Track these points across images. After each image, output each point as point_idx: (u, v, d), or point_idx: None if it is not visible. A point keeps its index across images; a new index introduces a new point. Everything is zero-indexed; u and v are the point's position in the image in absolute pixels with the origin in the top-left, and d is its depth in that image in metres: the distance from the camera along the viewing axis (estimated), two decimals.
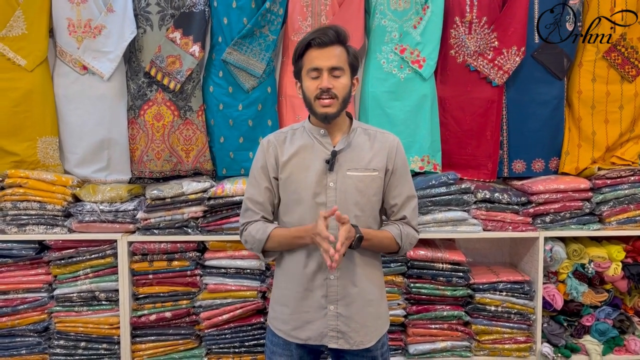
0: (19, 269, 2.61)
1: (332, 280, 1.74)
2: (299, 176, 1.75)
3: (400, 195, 1.80)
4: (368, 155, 1.77)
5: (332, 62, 1.68)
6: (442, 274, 2.65)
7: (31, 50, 2.63)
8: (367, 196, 1.75)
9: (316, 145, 1.76)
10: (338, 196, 1.73)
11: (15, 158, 2.67)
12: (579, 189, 2.71)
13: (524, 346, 2.71)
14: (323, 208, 1.71)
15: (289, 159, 1.77)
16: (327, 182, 1.73)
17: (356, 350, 1.78)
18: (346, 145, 1.75)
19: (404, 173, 1.81)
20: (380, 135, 1.81)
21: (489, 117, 2.82)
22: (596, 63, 2.83)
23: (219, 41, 2.74)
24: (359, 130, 1.80)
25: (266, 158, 1.79)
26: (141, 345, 2.64)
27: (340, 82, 1.70)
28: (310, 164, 1.75)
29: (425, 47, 2.75)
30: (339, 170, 1.74)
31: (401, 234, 1.77)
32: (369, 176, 1.75)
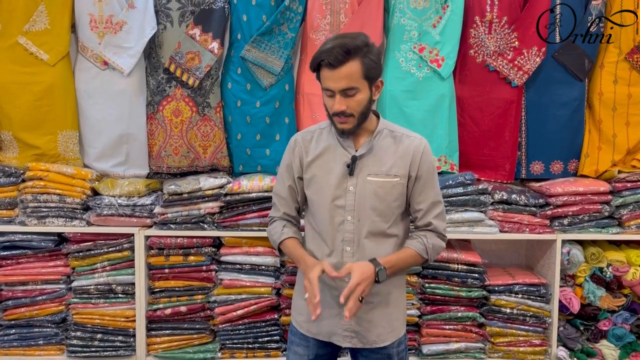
0: (38, 260, 2.65)
1: (346, 282, 1.71)
2: (321, 178, 1.75)
3: (425, 201, 1.75)
4: (391, 160, 1.72)
5: (342, 84, 1.60)
6: (458, 274, 2.64)
7: (53, 45, 2.67)
8: (387, 202, 1.72)
9: (339, 147, 1.74)
10: (357, 200, 1.71)
11: (36, 151, 2.72)
12: (598, 191, 2.68)
13: (539, 349, 2.68)
14: (342, 211, 1.72)
15: (313, 159, 1.77)
16: (348, 186, 1.72)
17: (370, 348, 1.78)
18: (368, 149, 1.72)
19: (430, 178, 1.75)
20: (407, 138, 1.75)
21: (507, 118, 2.80)
22: (618, 65, 2.79)
23: (238, 38, 2.75)
24: (384, 133, 1.75)
25: (292, 158, 1.81)
26: (156, 339, 2.67)
27: (354, 100, 1.63)
28: (332, 166, 1.74)
29: (445, 46, 2.74)
30: (359, 175, 1.71)
31: (426, 249, 1.74)
32: (389, 182, 1.72)
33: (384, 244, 1.75)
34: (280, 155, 2.75)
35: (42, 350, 2.67)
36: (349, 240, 1.72)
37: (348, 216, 1.72)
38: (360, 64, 1.60)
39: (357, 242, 1.72)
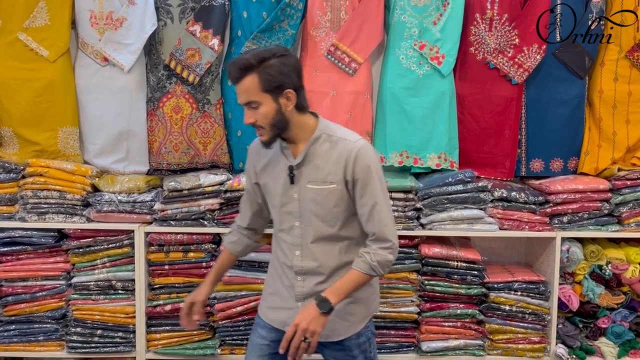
0: (38, 256, 2.66)
1: (298, 281, 1.83)
2: (271, 185, 1.85)
3: (365, 205, 1.74)
4: (327, 166, 1.75)
5: (243, 99, 1.70)
6: (457, 272, 2.64)
7: (54, 41, 2.67)
8: (327, 208, 1.76)
9: (282, 156, 1.81)
10: (301, 207, 1.80)
11: (36, 147, 2.72)
12: (598, 189, 2.68)
13: (538, 347, 2.69)
14: (291, 217, 1.82)
15: (263, 167, 1.87)
16: (292, 194, 1.80)
17: (334, 341, 1.86)
18: (305, 158, 1.77)
19: (367, 181, 1.73)
20: (342, 142, 1.75)
21: (507, 115, 2.79)
22: (618, 62, 2.79)
23: (238, 35, 2.75)
24: (322, 138, 1.77)
25: (248, 165, 1.94)
26: (156, 335, 2.67)
27: (260, 113, 1.69)
28: (278, 174, 1.82)
29: (445, 43, 2.73)
30: (300, 183, 1.78)
31: (372, 267, 1.73)
32: (326, 189, 1.75)
33: (333, 247, 1.81)
34: None
35: (42, 346, 2.68)
36: (298, 245, 1.82)
37: (296, 222, 1.81)
38: (257, 79, 1.66)
39: (305, 246, 1.81)
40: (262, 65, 1.66)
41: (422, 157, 2.79)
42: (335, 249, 1.81)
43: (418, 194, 2.65)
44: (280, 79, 1.67)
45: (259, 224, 2.03)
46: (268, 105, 1.68)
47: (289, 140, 1.79)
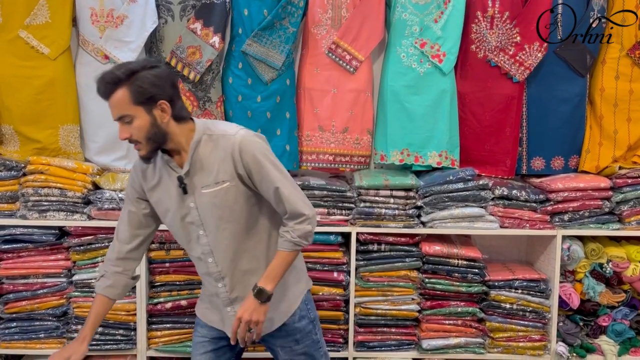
0: (39, 254, 2.66)
1: (220, 287, 1.84)
2: (165, 202, 1.80)
3: (268, 191, 1.73)
4: (215, 166, 1.72)
5: (115, 113, 1.66)
6: (458, 270, 2.64)
7: (54, 39, 2.67)
8: (228, 208, 1.74)
9: (169, 170, 1.77)
10: (201, 214, 1.76)
11: (37, 145, 2.72)
12: (598, 187, 2.68)
13: (538, 345, 2.69)
14: (194, 227, 1.78)
15: (153, 187, 1.81)
16: (189, 203, 1.76)
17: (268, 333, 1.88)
18: (191, 165, 1.73)
19: (259, 169, 1.71)
20: (222, 139, 1.73)
21: (508, 114, 2.79)
22: (620, 60, 2.79)
23: (239, 32, 2.75)
24: (203, 140, 1.73)
25: (130, 185, 1.87)
26: (157, 333, 2.67)
27: (134, 128, 1.65)
28: (170, 189, 1.77)
29: (446, 41, 2.73)
30: (194, 190, 1.75)
31: (292, 242, 1.73)
32: (221, 189, 1.73)
33: (249, 242, 1.80)
34: (281, 150, 2.79)
35: (43, 344, 2.68)
36: (209, 252, 1.80)
37: (200, 231, 1.78)
38: (127, 92, 1.62)
39: (217, 252, 1.79)
40: (131, 78, 1.62)
41: (423, 155, 2.79)
42: (252, 242, 1.80)
43: (419, 192, 2.65)
44: (152, 91, 1.64)
45: (139, 252, 1.92)
46: (141, 118, 1.65)
47: (172, 152, 1.75)
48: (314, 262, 2.63)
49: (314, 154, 2.85)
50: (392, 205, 2.63)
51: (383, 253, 2.64)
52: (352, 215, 2.64)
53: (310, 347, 1.93)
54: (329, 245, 2.64)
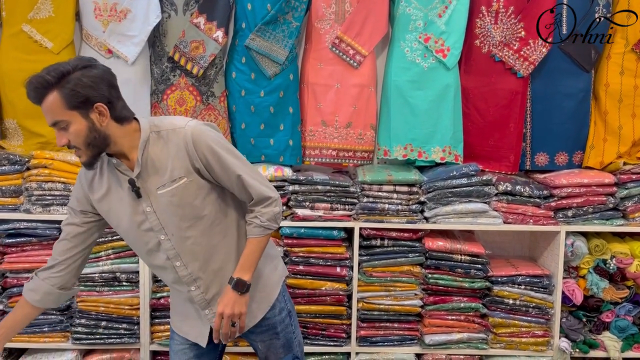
0: (42, 248, 2.66)
1: (193, 291, 1.73)
2: (117, 210, 1.67)
3: (229, 180, 1.64)
4: (168, 163, 1.61)
5: (49, 119, 1.54)
6: (461, 265, 2.64)
7: (58, 33, 2.67)
8: (189, 205, 1.63)
9: (118, 174, 1.64)
10: (160, 218, 1.64)
11: (41, 139, 2.72)
12: (603, 183, 2.67)
13: (541, 340, 2.69)
14: (153, 234, 1.66)
15: (102, 197, 1.68)
16: (144, 208, 1.64)
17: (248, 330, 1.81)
18: (142, 166, 1.61)
19: (217, 159, 1.61)
20: (172, 133, 1.62)
21: (512, 109, 2.78)
22: (625, 56, 2.77)
23: (243, 27, 2.74)
24: (152, 139, 1.62)
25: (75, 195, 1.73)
26: (160, 327, 2.68)
27: (71, 133, 1.53)
28: (121, 195, 1.65)
29: (450, 36, 2.72)
30: (150, 193, 1.63)
31: (262, 226, 1.66)
32: (178, 187, 1.61)
33: (217, 237, 1.70)
34: (285, 145, 2.78)
35: (47, 337, 2.69)
36: (174, 257, 1.68)
37: (161, 236, 1.66)
38: (59, 96, 1.50)
39: (183, 253, 1.68)
40: (62, 81, 1.50)
41: (426, 150, 2.78)
42: (219, 235, 1.70)
43: (422, 188, 2.65)
44: (86, 93, 1.51)
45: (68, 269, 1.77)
46: (78, 123, 1.52)
47: (119, 155, 1.62)
48: (317, 257, 2.63)
49: (317, 149, 2.84)
50: (395, 200, 2.63)
51: (386, 248, 2.64)
52: (355, 210, 2.63)
53: (288, 337, 1.88)
54: (332, 240, 2.64)
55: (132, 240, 1.73)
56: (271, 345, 1.86)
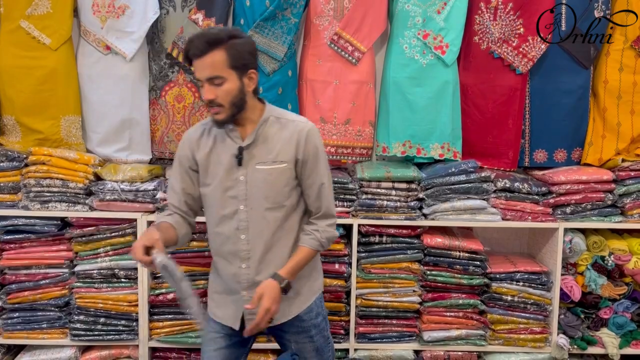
0: (41, 244, 2.67)
1: (244, 268, 1.81)
2: (213, 170, 1.79)
3: (313, 184, 1.80)
4: (277, 146, 1.77)
5: (207, 73, 1.66)
6: (459, 262, 2.64)
7: (56, 29, 2.66)
8: (278, 188, 1.77)
9: (227, 139, 1.78)
10: (248, 190, 1.77)
11: (39, 136, 2.72)
12: (601, 180, 2.67)
13: (539, 337, 2.70)
14: (235, 201, 1.77)
15: (204, 153, 1.80)
16: (238, 176, 1.77)
17: (280, 324, 1.87)
18: (254, 139, 1.77)
19: (316, 161, 1.79)
20: (292, 123, 1.79)
21: (511, 106, 2.78)
22: (624, 52, 2.77)
23: (241, 23, 2.73)
24: (270, 120, 1.79)
25: (184, 152, 1.84)
26: (159, 323, 2.68)
27: (222, 90, 1.67)
28: (222, 158, 1.78)
29: (449, 32, 2.72)
30: (248, 164, 1.76)
31: (320, 242, 1.81)
32: (277, 169, 1.76)
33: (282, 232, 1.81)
34: None
35: (46, 334, 2.69)
36: (244, 229, 1.78)
37: (241, 205, 1.77)
38: (225, 54, 1.65)
39: (251, 229, 1.78)
40: (230, 41, 1.65)
41: (425, 147, 2.78)
42: (282, 232, 1.81)
43: (421, 184, 2.65)
44: (247, 58, 1.69)
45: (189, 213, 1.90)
46: (232, 82, 1.67)
47: (238, 123, 1.77)
48: None
49: None
50: (393, 197, 2.63)
51: (384, 245, 2.64)
52: (353, 207, 2.63)
53: (322, 343, 1.95)
54: None
55: (211, 202, 1.81)
56: (304, 348, 1.92)
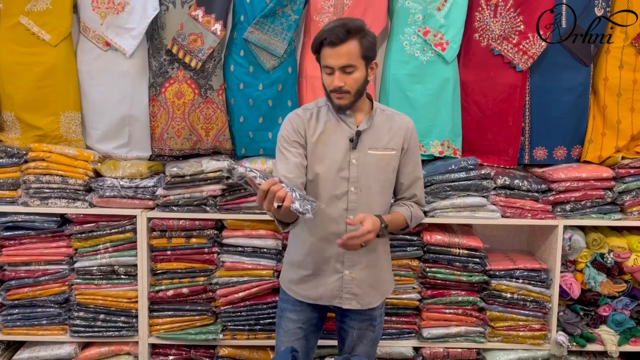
0: (41, 241, 2.67)
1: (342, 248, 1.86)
2: (325, 151, 1.86)
3: (411, 173, 1.95)
4: (387, 135, 1.89)
5: (342, 62, 1.74)
6: (459, 259, 2.64)
7: (55, 26, 2.65)
8: (387, 173, 1.89)
9: (341, 123, 1.87)
10: (360, 172, 1.86)
11: (38, 132, 2.71)
12: (601, 177, 2.67)
13: (538, 334, 2.70)
14: (346, 182, 1.85)
15: (316, 134, 1.87)
16: (351, 159, 1.85)
17: (362, 310, 1.95)
18: (369, 125, 1.88)
19: (416, 154, 1.95)
20: (397, 116, 1.94)
21: (511, 103, 2.78)
22: (624, 50, 2.77)
23: (241, 20, 2.73)
24: (378, 111, 1.92)
25: (295, 131, 1.87)
26: (158, 320, 2.69)
27: (352, 78, 1.77)
28: (336, 141, 1.86)
29: (449, 29, 2.71)
30: (361, 149, 1.86)
31: (412, 216, 1.94)
32: (388, 154, 1.88)
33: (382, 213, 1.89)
34: None
35: (45, 330, 2.70)
36: (352, 209, 1.86)
37: (352, 187, 1.86)
38: (359, 44, 1.74)
39: (359, 211, 1.84)
40: (362, 32, 1.74)
41: (425, 144, 2.78)
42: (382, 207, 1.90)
43: None
44: (374, 49, 1.80)
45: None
46: (361, 71, 1.77)
47: (353, 109, 1.87)
48: None
49: None
50: None
51: None
52: None
53: (378, 333, 2.04)
54: None
55: (323, 182, 1.86)
56: (364, 336, 1.99)
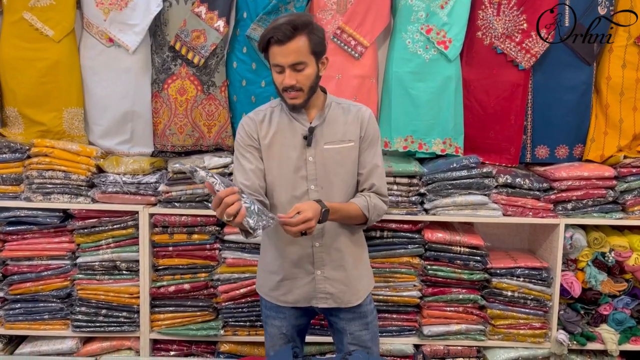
0: (43, 236, 2.68)
1: (317, 247, 1.86)
2: (281, 152, 1.84)
3: (368, 164, 1.88)
4: (342, 127, 1.86)
5: (291, 59, 1.70)
6: (460, 257, 2.65)
7: (59, 21, 2.66)
8: (347, 166, 1.85)
9: (294, 122, 1.85)
10: (318, 169, 1.83)
11: (41, 128, 2.72)
12: (603, 176, 2.67)
13: (539, 332, 2.70)
14: (304, 181, 1.83)
15: (269, 136, 1.85)
16: (307, 157, 1.83)
17: (347, 307, 1.93)
18: (321, 120, 1.85)
19: (373, 143, 1.89)
20: (354, 107, 1.90)
21: (513, 101, 2.78)
22: (627, 49, 2.76)
23: (244, 17, 2.73)
24: (333, 105, 1.88)
25: (248, 135, 1.86)
26: (160, 315, 2.70)
27: (303, 75, 1.74)
28: (289, 141, 1.84)
29: (452, 27, 2.71)
30: (316, 145, 1.83)
31: (368, 206, 1.85)
32: (345, 147, 1.85)
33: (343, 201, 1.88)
34: None
35: (47, 325, 2.71)
36: None
37: (311, 185, 1.83)
38: (308, 40, 1.71)
39: None
40: (309, 27, 1.71)
41: (427, 142, 2.78)
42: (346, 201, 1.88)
43: (422, 179, 2.65)
44: (323, 44, 1.77)
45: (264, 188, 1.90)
46: (312, 67, 1.74)
47: (306, 107, 1.84)
48: None
49: None
50: (395, 192, 2.63)
51: (385, 239, 2.64)
52: None
53: (374, 331, 2.01)
54: None
55: (281, 183, 1.85)
56: (360, 337, 1.96)
